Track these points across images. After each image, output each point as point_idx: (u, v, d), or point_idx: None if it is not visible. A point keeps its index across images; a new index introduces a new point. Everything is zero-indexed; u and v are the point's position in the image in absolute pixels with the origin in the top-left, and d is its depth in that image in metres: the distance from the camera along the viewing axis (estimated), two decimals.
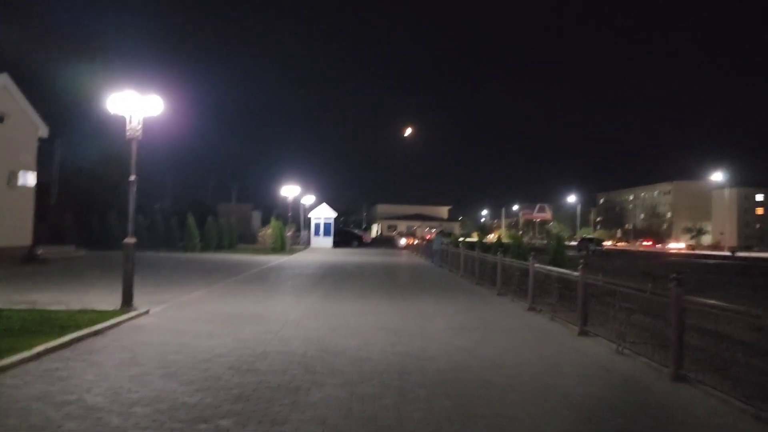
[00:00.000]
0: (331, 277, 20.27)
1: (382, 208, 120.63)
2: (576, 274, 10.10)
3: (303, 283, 17.93)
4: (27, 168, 20.70)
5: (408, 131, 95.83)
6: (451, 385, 6.51)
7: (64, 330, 8.56)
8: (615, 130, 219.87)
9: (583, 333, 9.68)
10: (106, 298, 12.12)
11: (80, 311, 10.27)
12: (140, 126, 10.38)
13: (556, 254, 17.65)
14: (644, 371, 7.41)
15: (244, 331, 9.26)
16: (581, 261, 10.29)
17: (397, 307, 13.04)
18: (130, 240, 10.71)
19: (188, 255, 31.21)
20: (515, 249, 19.62)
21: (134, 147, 10.45)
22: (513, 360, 7.84)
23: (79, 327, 8.80)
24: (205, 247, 35.30)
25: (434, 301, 14.12)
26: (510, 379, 6.85)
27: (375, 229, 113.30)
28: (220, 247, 36.86)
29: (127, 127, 10.27)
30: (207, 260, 27.49)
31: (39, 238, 23.83)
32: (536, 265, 12.91)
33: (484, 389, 6.39)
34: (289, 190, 35.86)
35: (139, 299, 11.89)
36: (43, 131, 21.61)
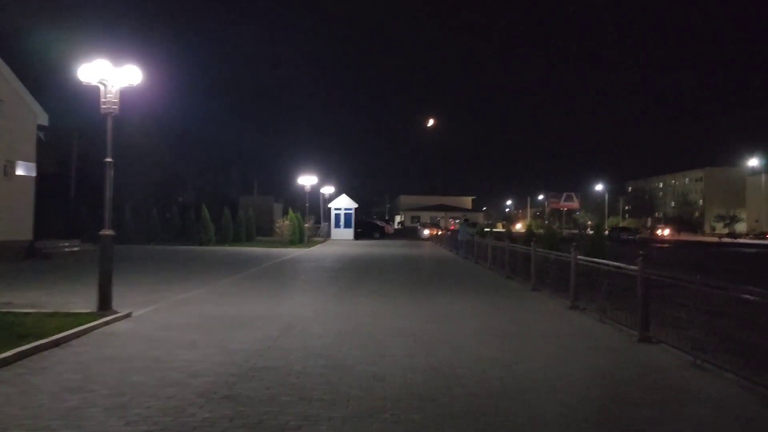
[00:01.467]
0: (348, 272, 18.76)
1: (405, 199, 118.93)
2: (633, 267, 8.40)
3: (316, 279, 16.44)
4: (25, 158, 19.52)
5: (431, 122, 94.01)
6: (486, 419, 4.91)
7: (21, 339, 7.18)
8: (644, 115, 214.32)
9: (644, 339, 7.98)
10: (94, 299, 10.74)
11: (51, 315, 8.89)
12: (117, 98, 8.90)
13: (595, 244, 15.83)
14: (738, 395, 5.73)
15: (235, 340, 7.77)
16: (641, 253, 8.58)
17: (419, 306, 11.45)
18: (107, 232, 9.27)
19: (202, 248, 29.99)
20: (549, 239, 17.89)
21: (110, 123, 8.99)
22: (563, 378, 6.21)
23: (41, 335, 7.41)
24: (221, 240, 34.10)
25: (460, 299, 12.50)
26: (563, 408, 5.23)
27: (398, 220, 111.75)
28: (237, 240, 35.65)
29: (102, 99, 8.81)
30: (220, 254, 26.21)
31: (48, 232, 22.79)
32: (579, 257, 11.21)
33: (530, 427, 4.78)
34: (307, 180, 34.35)
35: (128, 299, 10.59)
36: (43, 119, 20.41)
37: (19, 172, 19.13)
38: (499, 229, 63.39)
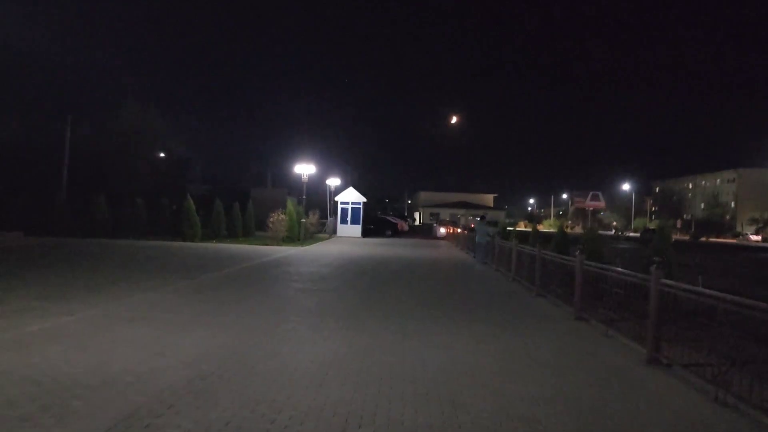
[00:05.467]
0: (337, 280, 14.72)
1: (424, 195, 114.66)
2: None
3: (288, 292, 12.42)
4: None
5: (454, 118, 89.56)
6: None
7: None
8: (673, 113, 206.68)
9: None
10: None
11: None
12: None
13: (664, 254, 11.49)
14: None
15: None
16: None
17: (418, 343, 7.37)
18: None
19: (181, 245, 26.19)
20: (592, 245, 13.67)
21: None
22: None
23: None
24: (211, 236, 30.34)
25: (478, 334, 8.38)
26: None
27: (417, 217, 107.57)
28: (232, 236, 31.92)
29: None
30: (195, 251, 22.36)
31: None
32: (665, 281, 7.01)
33: None
34: (304, 168, 30.28)
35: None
36: None
37: None
38: (522, 228, 58.84)
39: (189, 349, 6.98)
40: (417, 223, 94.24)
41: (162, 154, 48.28)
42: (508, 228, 29.16)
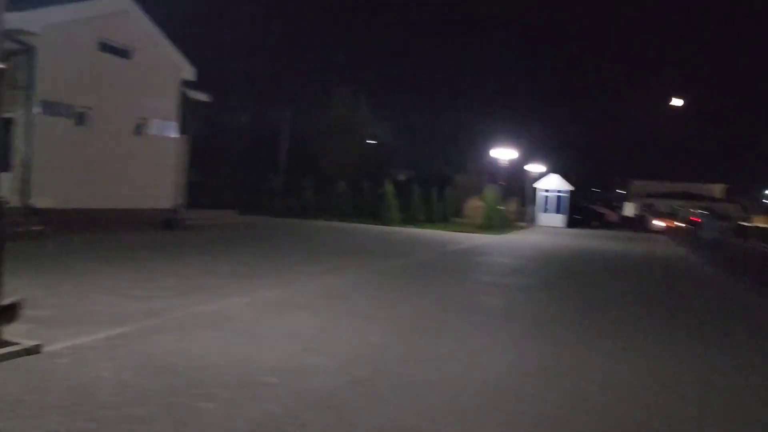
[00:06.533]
0: (532, 275, 13.21)
1: (637, 184, 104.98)
2: None
3: (473, 286, 11.26)
4: (163, 116, 17.35)
5: (676, 101, 79.95)
6: None
7: None
8: None
9: None
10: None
11: None
12: None
13: None
14: None
15: None
16: None
17: (628, 369, 5.76)
18: None
19: (379, 228, 26.41)
20: None
21: None
22: None
23: None
24: (408, 220, 30.32)
25: (715, 364, 6.41)
26: None
27: (628, 207, 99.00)
28: (430, 221, 31.70)
29: None
30: (389, 235, 22.22)
31: (202, 201, 21.07)
32: None
33: None
34: (502, 153, 28.68)
35: (109, 307, 6.78)
36: (188, 73, 18.09)
37: (155, 131, 17.00)
38: (762, 224, 50.34)
39: (345, 347, 6.16)
40: (628, 214, 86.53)
41: (368, 140, 50.06)
42: (743, 223, 24.53)
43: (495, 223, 29.34)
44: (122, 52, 15.88)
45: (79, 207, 14.37)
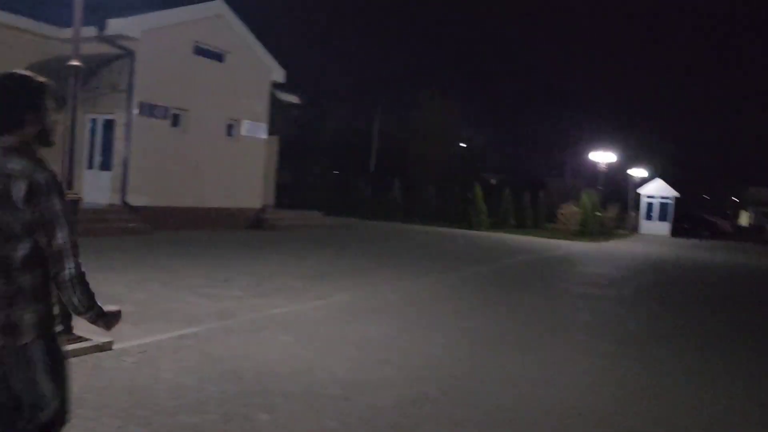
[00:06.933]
0: (632, 288, 12.22)
1: (755, 192, 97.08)
2: None
3: (563, 297, 10.51)
4: (254, 117, 17.65)
5: None
6: None
7: None
8: None
9: None
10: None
11: None
12: None
13: None
14: None
15: None
16: None
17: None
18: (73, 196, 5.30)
19: (466, 232, 25.75)
20: None
21: None
22: None
23: None
24: (498, 225, 29.42)
25: None
26: None
27: (745, 216, 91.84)
28: (521, 226, 30.65)
29: None
30: (476, 239, 21.55)
31: (286, 201, 21.40)
32: None
33: None
34: (600, 156, 27.16)
35: (184, 307, 6.75)
36: (278, 75, 18.34)
37: (245, 132, 17.33)
38: None
39: (417, 359, 5.75)
40: (743, 223, 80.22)
41: (458, 143, 49.34)
42: None
43: (592, 230, 27.85)
44: (216, 55, 16.32)
45: (172, 205, 14.85)
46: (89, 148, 14.94)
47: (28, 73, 2.26)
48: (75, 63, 4.85)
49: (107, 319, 2.34)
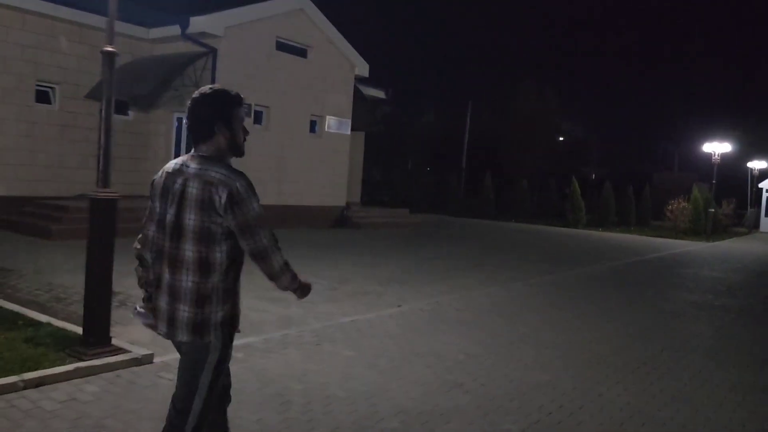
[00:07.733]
0: (754, 294, 10.62)
1: None
2: None
3: (672, 305, 9.18)
4: (338, 113, 17.21)
5: None
6: None
7: None
8: None
9: None
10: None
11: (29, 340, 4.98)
12: None
13: None
14: None
15: None
16: None
17: None
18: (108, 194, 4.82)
19: (562, 230, 24.17)
20: None
21: None
22: None
23: None
24: (598, 222, 27.48)
25: None
26: None
27: None
28: (624, 224, 28.54)
29: None
30: (573, 238, 20.05)
31: (374, 199, 20.85)
32: None
33: None
34: (715, 147, 24.60)
35: (301, 308, 6.18)
36: (362, 69, 17.80)
37: (329, 128, 16.93)
38: None
39: (497, 382, 4.88)
40: None
41: (557, 136, 46.97)
42: None
43: (704, 228, 25.34)
44: (298, 51, 16.01)
45: None
46: (176, 146, 15.06)
47: (220, 86, 2.51)
48: (109, 48, 4.39)
49: (304, 290, 2.70)
